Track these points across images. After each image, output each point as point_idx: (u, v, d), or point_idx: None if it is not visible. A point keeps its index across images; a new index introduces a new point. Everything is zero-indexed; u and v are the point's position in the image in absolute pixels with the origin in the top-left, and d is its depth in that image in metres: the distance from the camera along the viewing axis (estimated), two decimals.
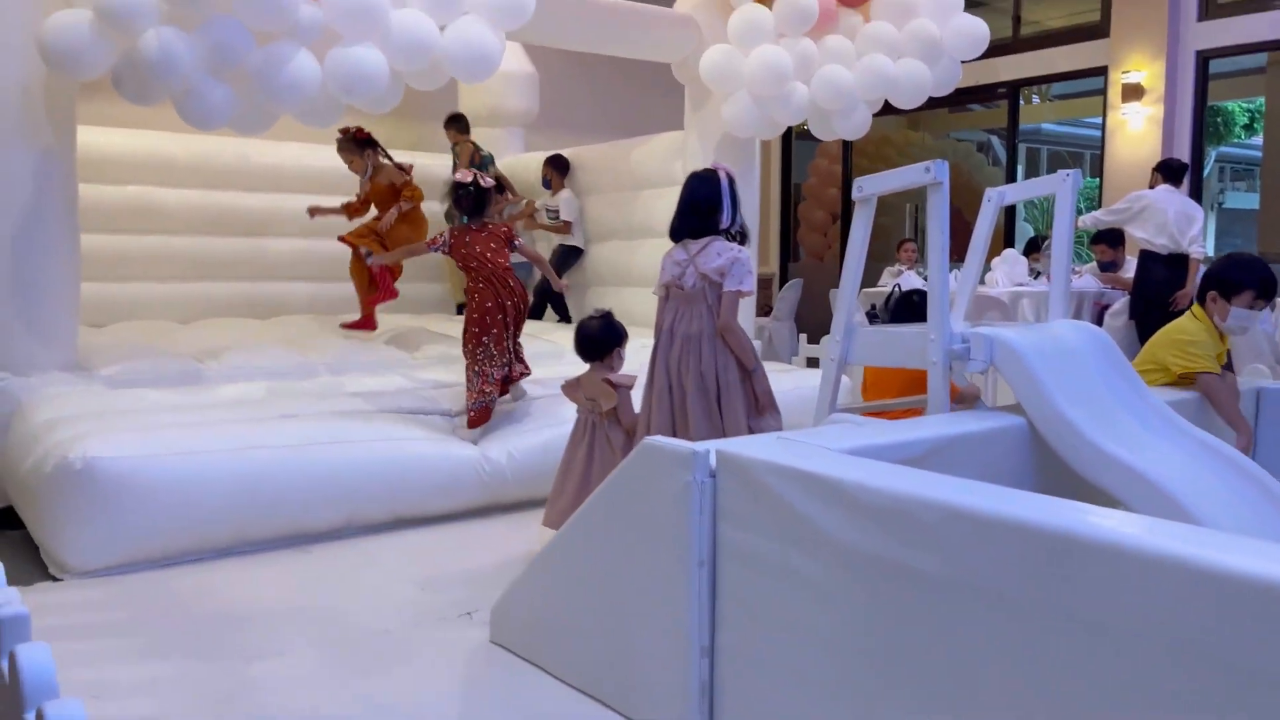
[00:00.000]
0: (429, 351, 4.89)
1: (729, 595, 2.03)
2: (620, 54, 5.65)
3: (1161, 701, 1.36)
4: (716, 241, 3.24)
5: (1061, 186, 2.75)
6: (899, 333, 2.65)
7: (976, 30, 5.23)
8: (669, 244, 5.71)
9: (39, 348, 3.77)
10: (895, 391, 3.53)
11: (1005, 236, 9.12)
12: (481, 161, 6.47)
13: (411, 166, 5.71)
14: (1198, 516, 2.07)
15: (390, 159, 5.62)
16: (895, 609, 1.71)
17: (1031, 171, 17.66)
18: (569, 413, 3.52)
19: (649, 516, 2.14)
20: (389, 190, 5.47)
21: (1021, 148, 17.59)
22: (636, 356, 3.69)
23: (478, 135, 7.64)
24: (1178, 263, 6.02)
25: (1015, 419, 2.41)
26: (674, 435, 3.10)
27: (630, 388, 3.34)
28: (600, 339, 3.39)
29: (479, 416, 4.00)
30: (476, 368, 3.98)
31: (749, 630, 2.00)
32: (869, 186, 2.63)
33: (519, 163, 7.19)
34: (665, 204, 5.79)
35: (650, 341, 3.30)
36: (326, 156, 6.50)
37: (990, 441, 2.34)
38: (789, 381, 4.85)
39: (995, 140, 13.50)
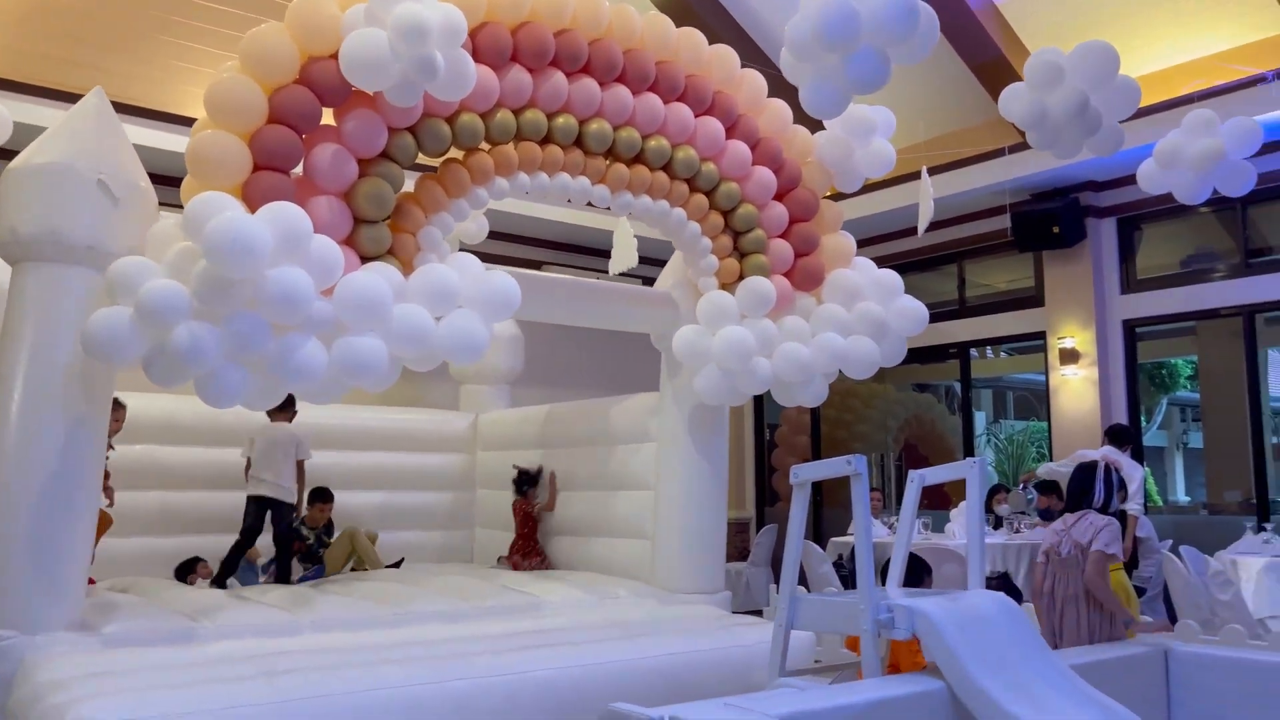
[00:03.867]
0: (410, 607, 5.13)
1: None
2: (605, 327, 6.27)
3: None
4: (1090, 514, 4.14)
5: (970, 471, 3.18)
6: (835, 601, 2.98)
7: (917, 311, 5.84)
8: (643, 494, 6.15)
9: (47, 606, 4.02)
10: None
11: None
12: None
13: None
14: None
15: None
16: None
17: (999, 413, 18.42)
18: None
19: None
20: None
21: (988, 393, 18.47)
22: None
23: (464, 391, 8.21)
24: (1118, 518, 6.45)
25: (936, 683, 2.71)
26: None
27: None
28: None
29: None
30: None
31: None
32: (803, 473, 3.05)
33: (502, 417, 7.68)
34: (640, 459, 6.28)
35: None
36: (320, 414, 6.97)
37: (914, 705, 2.63)
38: (756, 635, 5.09)
39: (960, 388, 14.32)
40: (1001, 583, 4.15)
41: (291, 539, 5.94)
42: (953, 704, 2.67)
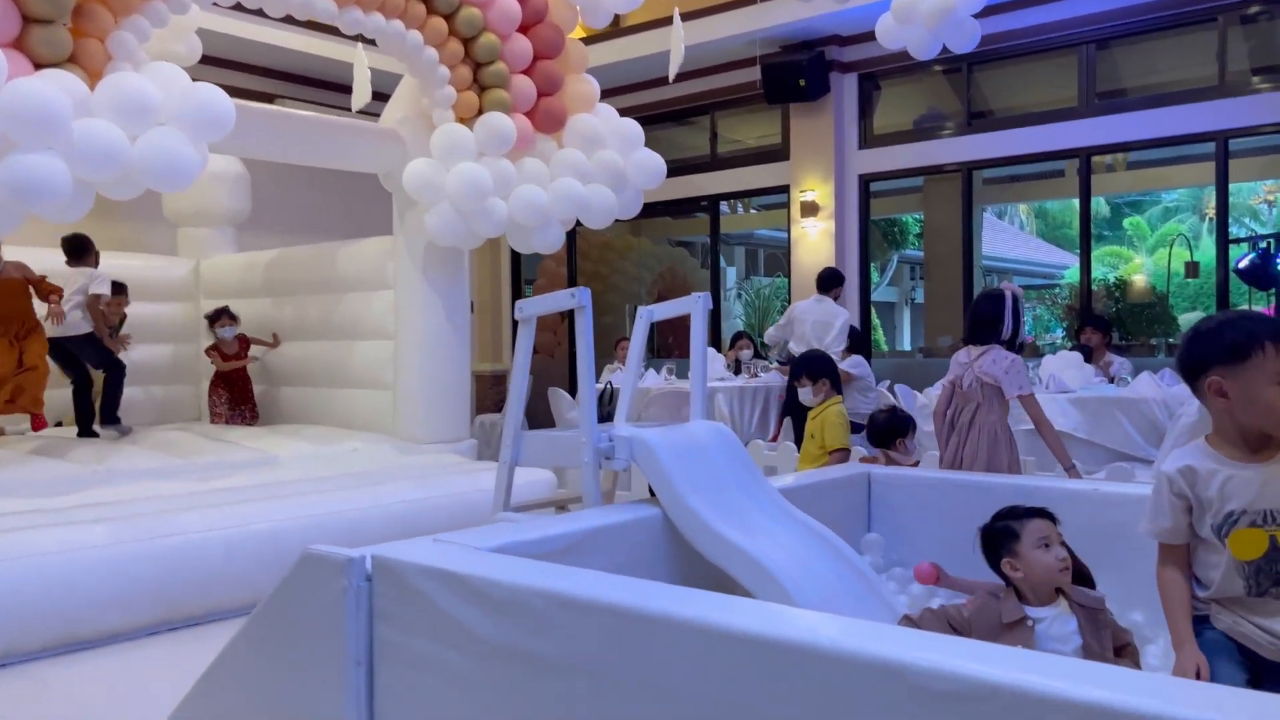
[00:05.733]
0: (117, 465, 4.71)
1: (387, 694, 2.18)
2: (327, 165, 5.81)
3: None
4: (995, 349, 3.89)
5: (695, 306, 3.19)
6: (559, 436, 2.94)
7: (655, 164, 5.80)
8: (382, 343, 5.89)
9: None
10: None
11: (713, 337, 9.91)
12: None
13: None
14: (790, 588, 2.45)
15: None
16: (523, 694, 1.92)
17: (751, 270, 19.19)
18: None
19: (310, 622, 2.26)
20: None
21: (741, 250, 19.09)
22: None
23: (182, 234, 7.48)
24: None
25: (653, 509, 2.74)
26: None
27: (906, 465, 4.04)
28: (885, 429, 4.11)
29: None
30: None
31: None
32: (528, 309, 2.94)
33: (226, 263, 7.08)
34: (375, 306, 6.00)
35: None
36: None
37: (630, 531, 2.65)
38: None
39: (710, 242, 14.71)
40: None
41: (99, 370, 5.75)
42: (667, 528, 2.72)
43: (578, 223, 5.97)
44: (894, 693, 1.46)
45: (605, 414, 4.42)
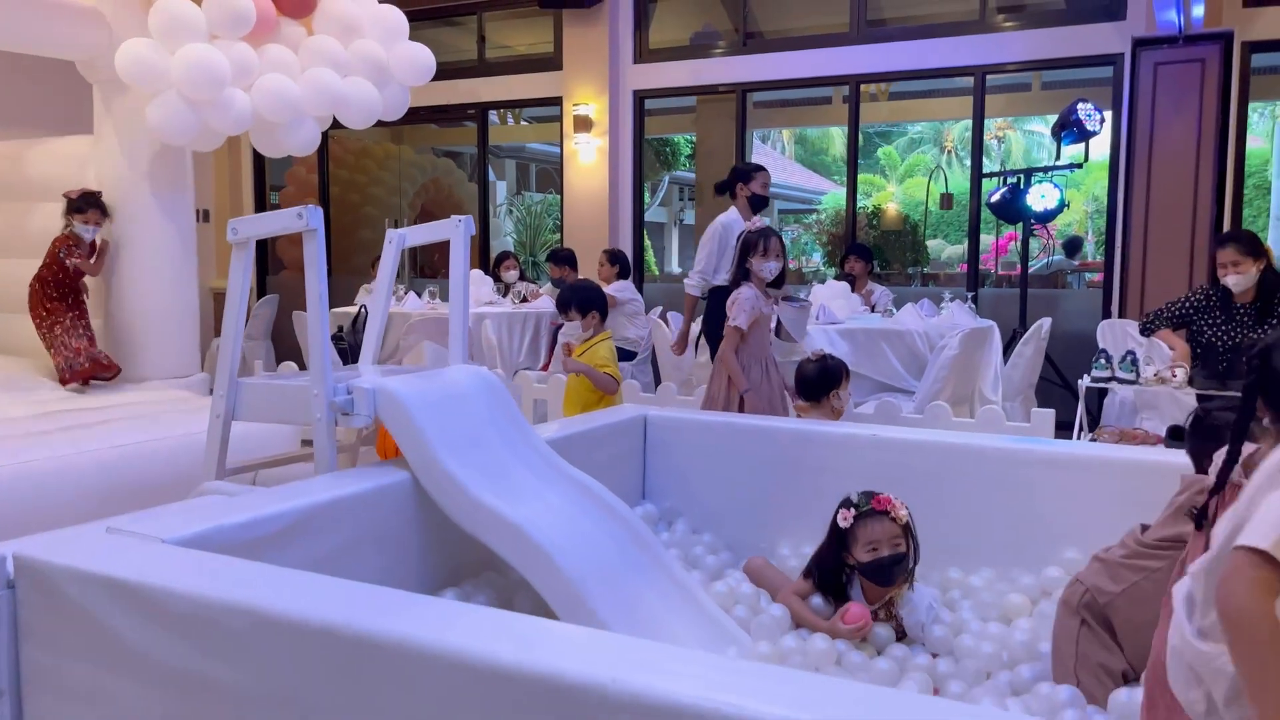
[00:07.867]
0: None
1: None
2: (8, 48, 4.81)
3: None
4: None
5: (455, 231, 2.76)
6: (285, 386, 2.46)
7: (422, 58, 5.23)
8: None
9: None
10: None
11: (480, 255, 9.40)
12: None
13: None
14: (559, 560, 2.14)
15: None
16: None
17: (523, 185, 18.57)
18: None
19: None
20: None
21: (512, 164, 18.40)
22: None
23: None
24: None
25: (401, 474, 2.33)
26: None
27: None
28: (817, 380, 3.64)
29: None
30: None
31: None
32: (244, 229, 2.40)
33: None
34: None
35: None
36: None
37: (371, 501, 2.23)
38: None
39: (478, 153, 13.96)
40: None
41: None
42: (418, 496, 2.32)
43: (333, 124, 5.33)
44: None
45: (357, 342, 3.91)
